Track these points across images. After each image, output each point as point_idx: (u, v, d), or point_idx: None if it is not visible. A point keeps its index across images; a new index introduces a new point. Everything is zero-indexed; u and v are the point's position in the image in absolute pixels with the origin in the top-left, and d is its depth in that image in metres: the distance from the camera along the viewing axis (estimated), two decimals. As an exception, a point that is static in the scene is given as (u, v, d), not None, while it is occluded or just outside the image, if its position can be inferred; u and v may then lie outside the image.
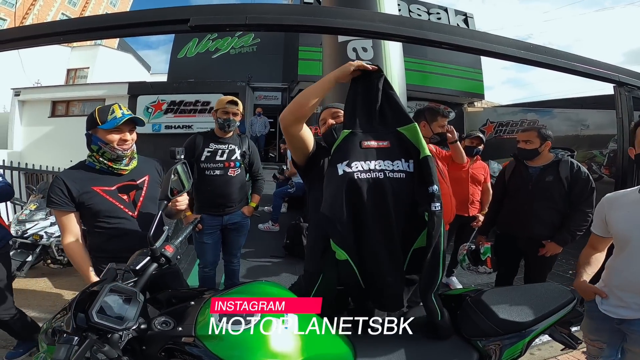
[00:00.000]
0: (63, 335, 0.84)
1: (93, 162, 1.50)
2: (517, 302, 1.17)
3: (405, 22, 2.02)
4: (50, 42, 2.04)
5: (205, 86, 9.86)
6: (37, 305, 3.10)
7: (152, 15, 1.90)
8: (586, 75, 2.45)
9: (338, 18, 1.89)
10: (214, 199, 2.46)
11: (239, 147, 2.52)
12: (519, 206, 2.31)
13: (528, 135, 2.24)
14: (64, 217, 1.45)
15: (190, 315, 0.94)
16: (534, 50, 2.27)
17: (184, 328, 0.90)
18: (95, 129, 1.44)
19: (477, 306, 1.17)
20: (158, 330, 0.90)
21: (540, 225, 2.24)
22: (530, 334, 1.15)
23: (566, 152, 2.34)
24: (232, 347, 0.86)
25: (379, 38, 3.21)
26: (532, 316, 1.14)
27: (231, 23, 1.86)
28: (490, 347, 1.12)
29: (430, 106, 2.31)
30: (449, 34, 2.05)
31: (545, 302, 1.18)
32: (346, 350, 1.04)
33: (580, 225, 2.16)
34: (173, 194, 1.18)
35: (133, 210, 1.53)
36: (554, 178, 2.20)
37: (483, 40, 2.14)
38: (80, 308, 0.86)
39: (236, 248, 2.67)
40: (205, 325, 0.89)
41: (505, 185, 2.46)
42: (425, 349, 1.13)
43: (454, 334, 1.17)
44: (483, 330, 1.13)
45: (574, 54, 2.41)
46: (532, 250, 2.29)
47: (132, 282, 0.96)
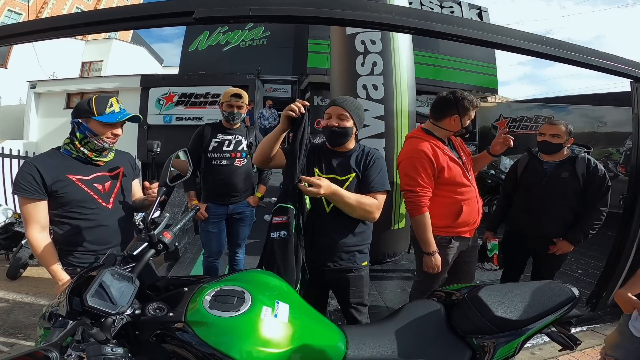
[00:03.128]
0: (58, 319, 0.87)
1: (70, 150, 1.47)
2: (514, 300, 1.14)
3: (411, 14, 1.97)
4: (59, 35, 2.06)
5: (216, 79, 9.91)
6: (47, 294, 3.23)
7: (157, 7, 1.91)
8: (602, 69, 2.37)
9: (343, 9, 1.86)
10: (220, 188, 2.51)
11: (246, 138, 2.56)
12: (531, 202, 2.25)
13: (557, 129, 2.13)
14: (31, 205, 1.38)
15: (182, 301, 0.95)
16: (548, 43, 2.19)
17: (174, 314, 0.91)
18: (88, 119, 1.42)
19: (473, 303, 1.14)
20: (151, 316, 0.91)
21: (552, 222, 2.18)
22: (526, 333, 1.11)
23: (582, 148, 2.27)
24: (221, 334, 0.87)
25: (384, 29, 3.16)
26: (528, 314, 1.10)
27: (235, 15, 1.85)
28: (485, 344, 1.10)
29: (461, 95, 1.90)
30: (458, 25, 1.99)
31: (543, 300, 1.13)
32: (338, 340, 1.04)
33: (595, 223, 2.11)
34: (172, 181, 1.19)
35: (107, 201, 1.51)
36: (570, 174, 2.14)
37: (494, 33, 2.08)
38: (76, 292, 0.88)
39: (241, 238, 2.71)
40: (196, 312, 0.90)
41: (516, 180, 2.38)
42: (419, 343, 1.12)
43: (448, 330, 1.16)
44: (478, 327, 1.11)
45: (589, 48, 2.32)
46: (542, 248, 2.23)
47: (129, 267, 0.98)
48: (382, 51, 3.51)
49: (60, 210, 1.43)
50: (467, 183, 1.91)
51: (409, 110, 3.60)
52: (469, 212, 1.90)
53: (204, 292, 0.95)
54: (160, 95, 9.97)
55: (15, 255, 3.60)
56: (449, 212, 1.88)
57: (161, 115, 9.88)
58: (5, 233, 4.02)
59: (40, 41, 2.09)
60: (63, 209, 1.43)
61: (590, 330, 2.52)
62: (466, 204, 1.89)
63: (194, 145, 2.45)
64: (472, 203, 1.92)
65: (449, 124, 1.91)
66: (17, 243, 3.85)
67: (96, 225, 1.47)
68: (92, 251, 1.47)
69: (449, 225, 1.90)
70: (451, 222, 1.89)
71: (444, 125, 1.92)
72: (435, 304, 1.24)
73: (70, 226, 1.44)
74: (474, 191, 1.94)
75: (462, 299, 1.20)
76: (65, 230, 1.45)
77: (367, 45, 3.52)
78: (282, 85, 11.23)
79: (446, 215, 1.89)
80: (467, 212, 1.89)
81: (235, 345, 0.85)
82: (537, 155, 2.29)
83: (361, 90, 3.47)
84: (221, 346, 0.84)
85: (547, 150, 2.20)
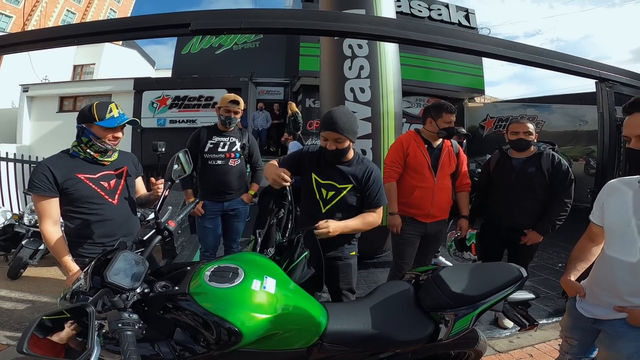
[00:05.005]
0: (80, 296, 1.03)
1: (78, 152, 1.62)
2: (469, 278, 1.29)
3: (389, 24, 2.16)
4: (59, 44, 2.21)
5: (209, 81, 9.99)
6: (48, 292, 3.33)
7: (156, 20, 2.07)
8: (567, 71, 2.55)
9: (326, 21, 2.04)
10: (216, 187, 2.69)
11: (240, 140, 2.75)
12: (503, 196, 2.41)
13: (528, 127, 2.30)
14: (44, 202, 1.52)
15: (185, 278, 1.12)
16: (514, 47, 2.37)
17: (179, 287, 1.08)
18: (90, 124, 1.57)
19: (435, 281, 1.31)
20: (159, 292, 1.08)
21: (522, 214, 2.34)
22: (480, 307, 1.27)
23: (547, 145, 2.43)
24: (218, 301, 1.03)
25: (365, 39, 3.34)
26: (481, 290, 1.26)
27: (228, 27, 2.02)
28: (445, 317, 1.26)
29: (435, 103, 2.45)
30: (431, 33, 2.18)
31: (494, 279, 1.29)
32: (319, 314, 1.21)
33: (560, 214, 2.27)
34: (175, 177, 1.37)
35: (113, 197, 1.67)
36: (536, 169, 2.28)
37: (463, 39, 2.27)
38: (96, 272, 1.04)
39: (235, 234, 2.88)
40: (198, 286, 1.07)
41: (489, 175, 2.56)
42: (390, 317, 1.29)
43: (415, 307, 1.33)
44: (439, 302, 1.27)
45: (555, 51, 2.52)
46: (514, 239, 2.39)
47: (139, 251, 1.15)
48: (369, 55, 3.66)
49: (71, 206, 1.59)
50: (428, 175, 2.37)
51: (394, 111, 3.77)
52: (420, 197, 2.38)
53: (204, 269, 1.12)
54: (153, 98, 10.02)
55: (16, 255, 3.68)
56: (404, 190, 2.42)
57: (155, 118, 9.93)
58: (5, 234, 4.09)
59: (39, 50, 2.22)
60: (73, 205, 1.59)
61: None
62: (419, 190, 2.38)
63: (191, 146, 2.61)
64: (426, 192, 2.38)
65: (429, 126, 2.42)
66: (16, 244, 3.91)
67: (103, 220, 1.63)
68: (100, 243, 1.63)
69: (404, 203, 2.41)
70: (406, 201, 2.41)
71: (426, 127, 2.44)
72: (405, 284, 1.42)
73: (80, 220, 1.60)
74: (432, 184, 2.37)
75: (427, 279, 1.37)
76: (76, 224, 1.61)
77: (354, 49, 3.66)
78: (275, 87, 11.35)
79: (403, 192, 2.42)
80: (418, 197, 2.38)
81: (230, 311, 1.02)
82: (507, 152, 2.47)
83: (349, 93, 3.63)
84: (219, 311, 1.01)
85: (523, 147, 2.36)
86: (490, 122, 10.01)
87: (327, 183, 1.73)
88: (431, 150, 2.41)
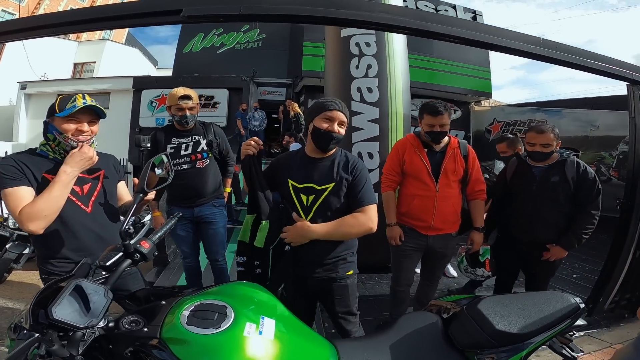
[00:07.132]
0: (23, 331, 0.79)
1: (46, 151, 1.39)
2: (515, 312, 1.08)
3: (407, 13, 1.93)
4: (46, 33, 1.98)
5: (209, 81, 9.84)
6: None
7: (144, 6, 1.85)
8: (598, 72, 2.33)
9: (337, 8, 1.82)
10: (184, 192, 2.38)
11: (204, 137, 2.42)
12: (522, 208, 2.20)
13: (547, 138, 2.08)
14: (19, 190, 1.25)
15: (158, 315, 0.88)
16: (544, 45, 2.15)
17: (149, 329, 0.84)
18: (52, 117, 1.34)
19: (473, 315, 1.08)
20: (125, 330, 0.84)
21: (544, 227, 2.13)
22: (528, 347, 1.05)
23: (571, 151, 2.22)
24: (201, 353, 0.79)
25: (379, 29, 3.12)
26: (531, 327, 1.04)
27: (225, 13, 1.79)
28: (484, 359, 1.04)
29: (424, 103, 2.21)
30: (453, 25, 1.95)
31: (546, 312, 1.07)
32: (328, 356, 0.97)
33: (587, 228, 2.07)
34: (149, 187, 1.12)
35: (87, 204, 1.42)
36: (560, 178, 2.10)
37: (489, 34, 2.04)
38: (43, 303, 0.81)
39: (217, 244, 2.56)
40: (173, 327, 0.83)
41: (506, 185, 2.35)
42: (414, 358, 1.05)
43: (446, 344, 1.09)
44: (477, 341, 1.05)
45: (586, 50, 2.30)
46: (535, 254, 2.18)
47: (102, 278, 0.91)
48: (377, 53, 3.48)
49: None
50: (428, 183, 2.11)
51: (403, 112, 3.57)
52: (420, 206, 2.13)
53: (183, 306, 0.88)
54: (152, 97, 9.87)
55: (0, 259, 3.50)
56: (403, 199, 2.22)
57: (153, 117, 9.77)
58: (-12, 238, 3.89)
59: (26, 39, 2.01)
60: None
61: (587, 335, 2.47)
62: (419, 198, 2.13)
63: (151, 153, 2.32)
64: (426, 201, 2.12)
65: (422, 127, 2.19)
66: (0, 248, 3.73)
67: (75, 230, 1.38)
68: (70, 259, 1.38)
69: (404, 213, 2.20)
70: (405, 210, 2.19)
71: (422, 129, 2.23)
72: (432, 316, 1.18)
73: (48, 231, 1.33)
74: (434, 192, 2.10)
75: (460, 311, 1.14)
76: (44, 236, 1.33)
77: (362, 47, 3.49)
78: (277, 88, 11.15)
79: (402, 201, 2.22)
80: (418, 206, 2.13)
81: (215, 367, 0.78)
82: (526, 159, 2.26)
83: (355, 93, 3.43)
84: (200, 368, 0.76)
85: (540, 159, 2.16)
86: (497, 126, 9.76)
87: (305, 186, 1.49)
88: (432, 155, 2.14)
